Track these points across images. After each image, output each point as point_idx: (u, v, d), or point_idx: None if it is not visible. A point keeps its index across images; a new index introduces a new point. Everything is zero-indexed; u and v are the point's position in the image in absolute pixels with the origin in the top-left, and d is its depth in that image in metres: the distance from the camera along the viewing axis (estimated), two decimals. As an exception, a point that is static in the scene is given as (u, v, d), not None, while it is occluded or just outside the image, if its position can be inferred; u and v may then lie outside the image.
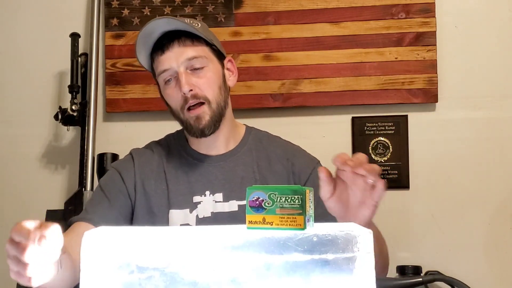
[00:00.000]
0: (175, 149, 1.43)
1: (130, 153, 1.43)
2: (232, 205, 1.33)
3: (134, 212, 1.35)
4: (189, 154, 1.41)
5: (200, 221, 1.32)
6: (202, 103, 1.32)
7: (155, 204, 1.34)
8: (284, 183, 1.35)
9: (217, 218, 1.31)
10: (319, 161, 1.42)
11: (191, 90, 1.30)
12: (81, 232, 0.81)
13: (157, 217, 1.32)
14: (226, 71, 1.41)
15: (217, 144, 1.39)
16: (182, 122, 1.36)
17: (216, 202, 1.34)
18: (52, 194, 2.02)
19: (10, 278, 0.82)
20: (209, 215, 1.33)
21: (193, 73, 1.32)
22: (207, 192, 1.35)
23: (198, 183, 1.36)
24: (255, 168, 1.38)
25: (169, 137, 1.48)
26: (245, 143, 1.42)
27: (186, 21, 1.35)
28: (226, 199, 1.34)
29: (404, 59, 1.95)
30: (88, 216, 1.30)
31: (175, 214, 1.33)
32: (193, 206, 1.34)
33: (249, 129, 1.47)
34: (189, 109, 1.32)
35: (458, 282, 1.68)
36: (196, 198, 1.34)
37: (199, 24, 1.37)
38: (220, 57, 1.39)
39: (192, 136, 1.37)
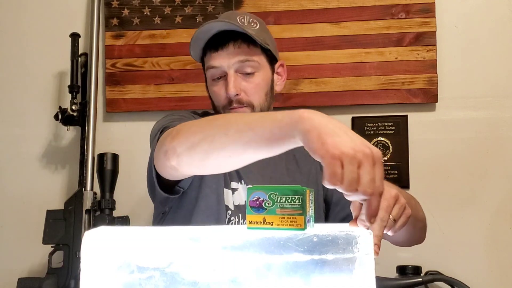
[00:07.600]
0: None
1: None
2: None
3: None
4: None
5: (236, 207, 1.33)
6: (245, 107, 1.31)
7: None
8: (315, 183, 1.35)
9: (243, 210, 1.31)
10: None
11: (237, 94, 1.30)
12: None
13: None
14: (275, 76, 1.39)
15: None
16: None
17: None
18: (52, 194, 2.02)
19: (10, 278, 0.82)
20: (243, 203, 1.33)
21: (243, 77, 1.31)
22: (242, 181, 1.35)
23: (235, 171, 1.34)
24: (284, 171, 1.38)
25: None
26: None
27: (244, 22, 1.32)
28: None
29: (404, 59, 1.95)
30: None
31: (225, 192, 1.33)
32: (232, 190, 1.35)
33: None
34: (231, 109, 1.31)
35: (458, 282, 1.68)
36: (234, 184, 1.34)
37: (258, 25, 1.34)
38: (272, 61, 1.38)
39: None
